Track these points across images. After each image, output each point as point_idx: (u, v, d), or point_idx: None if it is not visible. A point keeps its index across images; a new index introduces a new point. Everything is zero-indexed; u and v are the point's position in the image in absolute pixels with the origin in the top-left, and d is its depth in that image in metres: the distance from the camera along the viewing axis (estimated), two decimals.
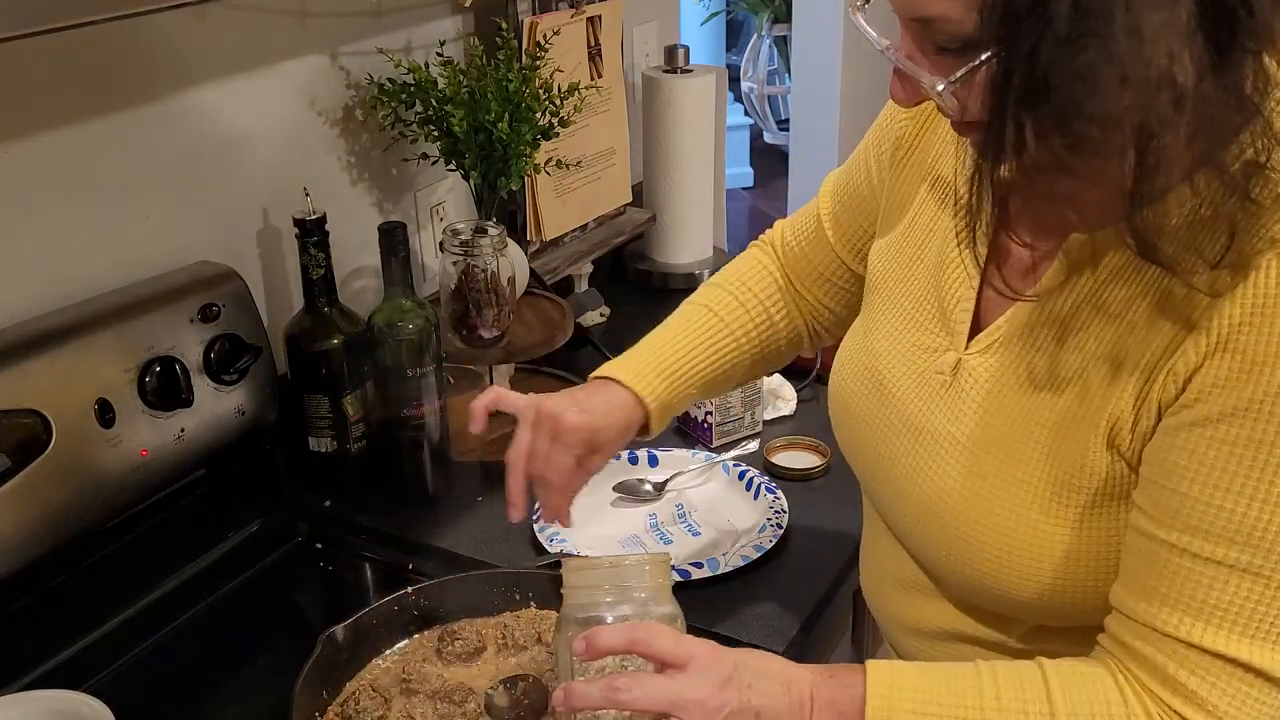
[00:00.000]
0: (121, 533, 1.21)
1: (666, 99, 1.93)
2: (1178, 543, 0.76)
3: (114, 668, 1.15)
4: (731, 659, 0.82)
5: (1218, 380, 0.74)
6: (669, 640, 0.82)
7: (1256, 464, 0.72)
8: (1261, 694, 0.74)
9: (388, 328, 1.33)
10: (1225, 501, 0.74)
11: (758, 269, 1.18)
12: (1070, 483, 0.82)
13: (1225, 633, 0.74)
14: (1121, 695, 0.78)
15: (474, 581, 1.16)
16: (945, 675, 0.82)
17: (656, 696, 0.80)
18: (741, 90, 5.52)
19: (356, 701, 1.03)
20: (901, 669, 0.82)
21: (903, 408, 0.94)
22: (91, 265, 1.24)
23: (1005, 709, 0.79)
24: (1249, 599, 0.74)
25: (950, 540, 0.89)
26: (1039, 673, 0.81)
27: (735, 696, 0.80)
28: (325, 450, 1.38)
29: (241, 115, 1.37)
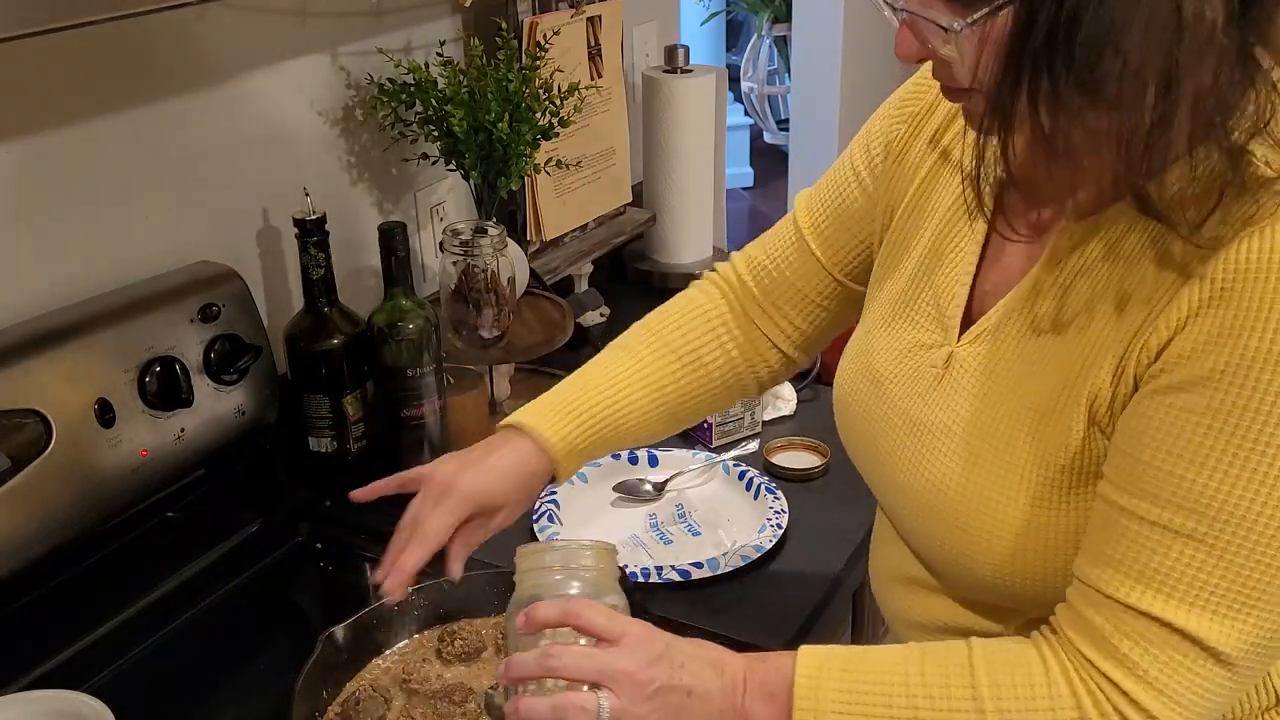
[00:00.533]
0: (121, 533, 1.21)
1: (666, 99, 1.93)
2: (1131, 507, 0.77)
3: (114, 668, 1.15)
4: (663, 639, 0.84)
5: (1183, 352, 0.75)
6: (603, 616, 0.84)
7: (1211, 432, 0.73)
8: (1195, 663, 0.75)
9: (388, 328, 1.33)
10: (1177, 468, 0.74)
11: (691, 310, 1.14)
12: (1057, 463, 0.83)
13: (1165, 598, 0.75)
14: (1045, 670, 0.79)
15: (474, 581, 1.16)
16: (875, 656, 0.83)
17: (588, 666, 0.82)
18: (741, 90, 5.52)
19: (356, 701, 1.03)
20: (834, 652, 0.84)
21: (899, 403, 0.95)
22: (91, 265, 1.24)
23: (929, 685, 0.80)
24: (1191, 565, 0.74)
25: (948, 530, 0.90)
26: (966, 651, 0.82)
27: (665, 673, 0.82)
28: (325, 450, 1.38)
29: (241, 115, 1.37)
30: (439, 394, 1.36)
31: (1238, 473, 0.73)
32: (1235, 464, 0.73)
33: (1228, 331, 0.72)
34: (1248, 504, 0.72)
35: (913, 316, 0.96)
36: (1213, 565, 0.74)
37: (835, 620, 1.26)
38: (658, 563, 1.25)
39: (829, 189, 1.10)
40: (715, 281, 1.17)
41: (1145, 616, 0.76)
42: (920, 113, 1.01)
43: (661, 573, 1.22)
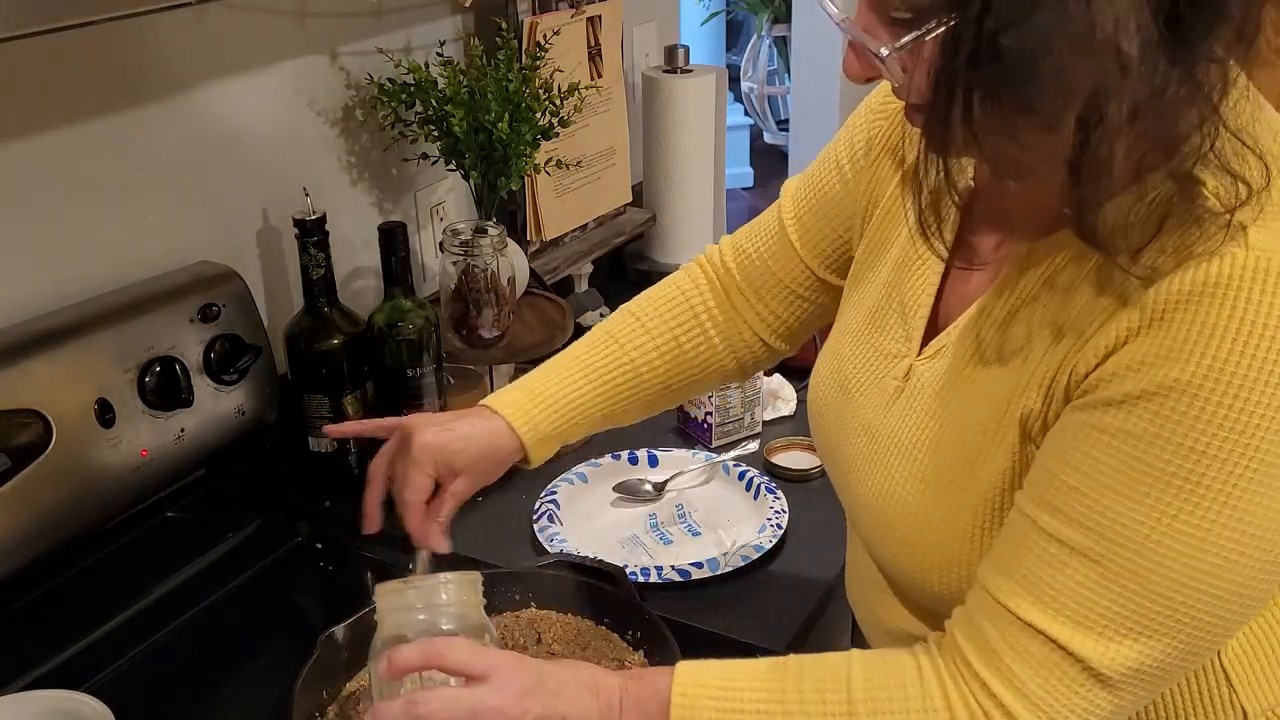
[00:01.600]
0: (121, 533, 1.21)
1: (666, 99, 1.93)
2: (1035, 518, 0.77)
3: (114, 668, 1.15)
4: (536, 668, 0.82)
5: (1105, 375, 0.75)
6: (465, 652, 0.82)
7: (1120, 454, 0.73)
8: (1075, 682, 0.75)
9: (388, 328, 1.33)
10: (1083, 485, 0.74)
11: (674, 294, 1.14)
12: (997, 482, 0.83)
13: (1053, 615, 0.75)
14: (919, 675, 0.79)
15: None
16: (755, 670, 0.83)
17: (456, 709, 0.79)
18: (741, 90, 5.52)
19: (356, 702, 1.03)
20: (709, 667, 0.83)
21: (862, 413, 0.95)
22: (91, 265, 1.24)
23: (805, 702, 0.80)
24: (1084, 585, 0.74)
25: (897, 544, 0.90)
26: (845, 664, 0.82)
27: (539, 704, 0.80)
28: (325, 450, 1.38)
29: (241, 115, 1.37)
30: (439, 394, 1.36)
31: (1140, 498, 0.72)
32: (1139, 490, 0.72)
33: (1153, 359, 0.72)
34: (1147, 530, 0.72)
35: (883, 323, 0.96)
36: (1104, 587, 0.74)
37: (835, 620, 1.26)
38: (658, 563, 1.25)
39: (812, 180, 1.10)
40: (701, 265, 1.18)
41: (1033, 630, 0.76)
42: (900, 111, 1.00)
43: (661, 573, 1.22)
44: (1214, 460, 0.70)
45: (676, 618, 1.17)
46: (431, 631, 0.85)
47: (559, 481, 1.40)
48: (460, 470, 1.04)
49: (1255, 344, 0.69)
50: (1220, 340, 0.69)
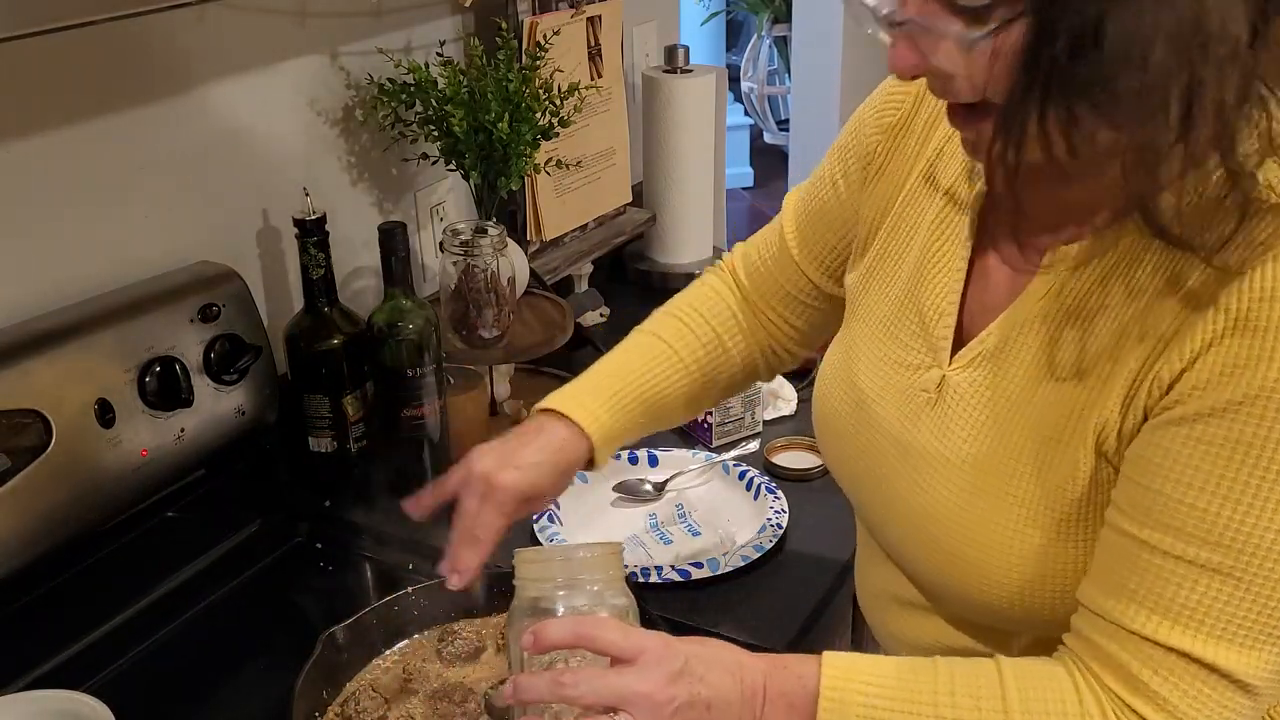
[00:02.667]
0: (121, 533, 1.21)
1: (666, 99, 1.93)
2: (1150, 540, 0.76)
3: (114, 668, 1.15)
4: (683, 652, 0.81)
5: (1198, 383, 0.74)
6: (617, 634, 0.80)
7: (1232, 464, 0.72)
8: (1223, 695, 0.75)
9: (388, 328, 1.33)
10: (1199, 501, 0.74)
11: (710, 295, 1.16)
12: (1062, 495, 0.82)
13: (1192, 632, 0.74)
14: (1078, 694, 0.78)
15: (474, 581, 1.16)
16: (901, 669, 0.81)
17: (604, 692, 0.78)
18: (741, 90, 5.52)
19: (356, 701, 1.03)
20: (857, 661, 0.82)
21: (889, 427, 0.94)
22: (91, 265, 1.24)
23: (959, 705, 0.79)
24: (1218, 599, 0.74)
25: (944, 558, 0.89)
26: (995, 670, 0.80)
27: (685, 689, 0.79)
28: (325, 450, 1.38)
29: (241, 115, 1.37)
30: (439, 394, 1.36)
31: (1261, 505, 0.72)
32: (1260, 497, 0.72)
33: (1246, 361, 0.71)
34: (1273, 536, 0.72)
35: (897, 335, 0.95)
36: (1240, 598, 0.73)
37: (835, 620, 1.26)
38: (658, 563, 1.25)
39: (810, 193, 1.11)
40: (719, 271, 1.20)
41: (1170, 650, 0.75)
42: (897, 125, 0.99)
43: (661, 573, 1.22)
44: None
45: (676, 618, 1.17)
46: (576, 606, 0.84)
47: None
48: (542, 495, 1.03)
49: None
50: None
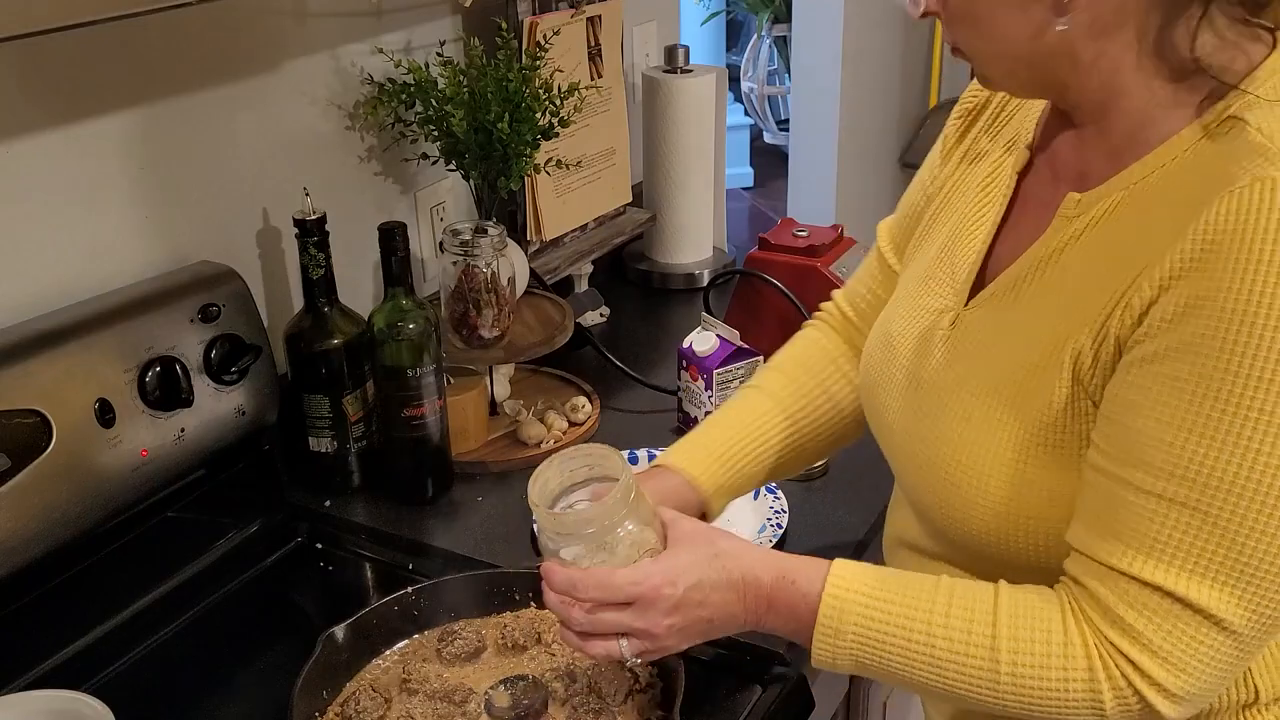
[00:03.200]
0: (121, 533, 1.21)
1: (666, 99, 1.93)
2: (1126, 477, 0.78)
3: (114, 668, 1.15)
4: (683, 580, 0.88)
5: (1165, 316, 0.76)
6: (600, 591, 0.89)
7: (1195, 399, 0.74)
8: (1197, 631, 0.76)
9: (388, 328, 1.33)
10: (1166, 435, 0.75)
11: (811, 347, 1.20)
12: (1041, 420, 0.84)
13: (1164, 566, 0.76)
14: (1064, 627, 0.80)
15: (474, 581, 1.16)
16: (904, 583, 0.86)
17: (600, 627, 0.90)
18: (741, 90, 5.52)
19: (356, 701, 1.03)
20: (863, 572, 0.87)
21: (905, 362, 0.99)
22: (91, 265, 1.24)
23: (951, 625, 0.82)
24: (1188, 534, 0.75)
25: (940, 485, 0.92)
26: (993, 595, 0.83)
27: (682, 616, 0.89)
28: (325, 450, 1.38)
29: (241, 115, 1.37)
30: (439, 394, 1.36)
31: (1222, 438, 0.73)
32: (1221, 430, 0.73)
33: (1206, 295, 0.73)
34: (1235, 469, 0.73)
35: (931, 284, 1.00)
36: (1209, 534, 0.75)
37: None
38: None
39: (902, 206, 1.15)
40: (823, 319, 1.23)
41: (1147, 585, 0.77)
42: (974, 109, 1.06)
43: None
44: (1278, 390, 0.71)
45: None
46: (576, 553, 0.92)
47: None
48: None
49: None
50: (1267, 267, 0.71)
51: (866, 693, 1.47)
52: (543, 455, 1.46)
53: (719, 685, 1.10)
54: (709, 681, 1.10)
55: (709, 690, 1.09)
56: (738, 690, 1.09)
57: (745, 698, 1.08)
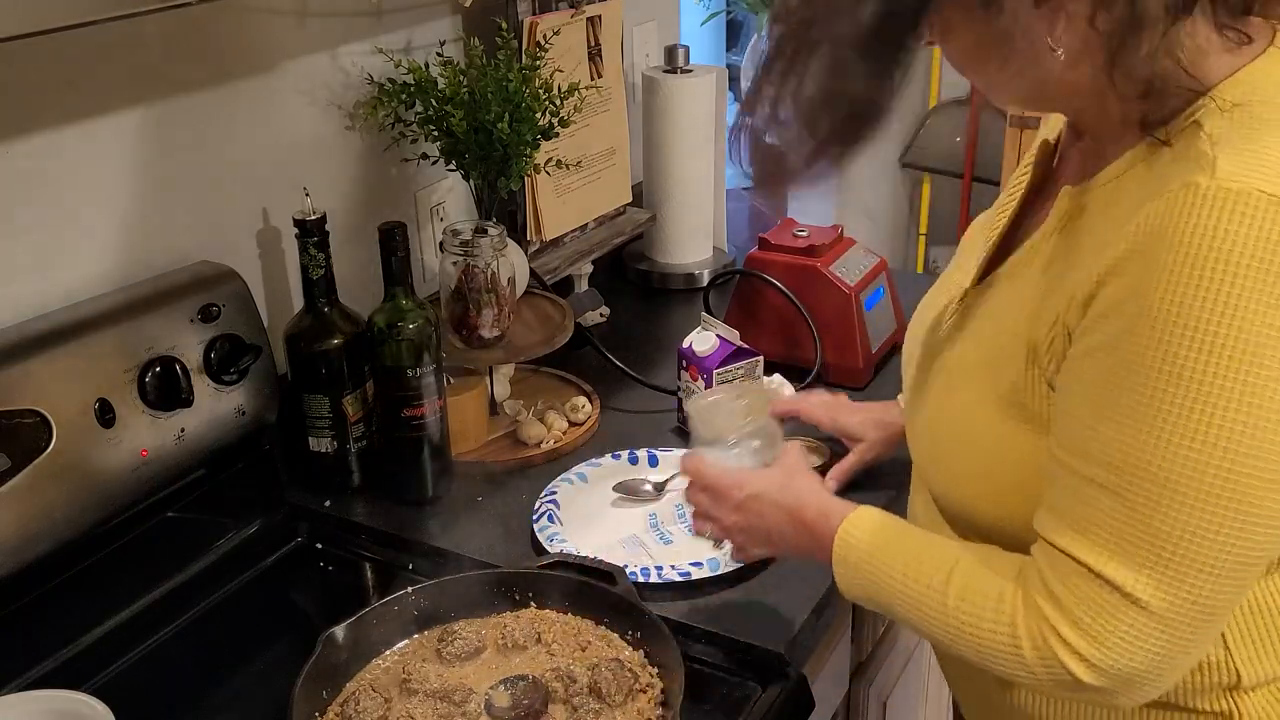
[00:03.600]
0: (121, 533, 1.21)
1: (666, 99, 1.93)
2: (1063, 459, 0.83)
3: (114, 668, 1.15)
4: (748, 490, 1.08)
5: (1099, 312, 0.80)
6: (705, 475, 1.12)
7: (1119, 390, 0.79)
8: (1117, 609, 0.80)
9: (388, 328, 1.33)
10: (1094, 423, 0.81)
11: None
12: (1005, 394, 0.90)
13: (1089, 544, 0.81)
14: (1002, 593, 0.87)
15: (474, 581, 1.16)
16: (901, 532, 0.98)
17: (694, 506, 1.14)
18: (741, 90, 5.52)
19: (356, 701, 1.03)
20: (879, 522, 0.99)
21: (923, 334, 1.06)
22: (91, 265, 1.24)
23: (917, 577, 0.92)
24: (1110, 516, 0.80)
25: (932, 449, 1.01)
26: (957, 554, 0.92)
27: (743, 518, 1.09)
28: (325, 450, 1.38)
29: (241, 115, 1.37)
30: (439, 394, 1.36)
31: (1142, 429, 0.78)
32: (1140, 421, 0.78)
33: (1130, 294, 0.77)
34: (1148, 457, 0.77)
35: (961, 264, 1.07)
36: (1127, 517, 0.79)
37: (835, 620, 1.26)
38: (658, 563, 1.25)
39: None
40: None
41: (1075, 561, 0.82)
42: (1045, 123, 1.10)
43: (661, 573, 1.22)
44: (1189, 384, 0.75)
45: (676, 618, 1.17)
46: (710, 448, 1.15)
47: (559, 481, 1.40)
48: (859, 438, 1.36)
49: (1210, 270, 0.74)
50: (1182, 269, 0.75)
51: (866, 693, 1.47)
52: (543, 455, 1.46)
53: (719, 685, 1.10)
54: (709, 681, 1.10)
55: (709, 690, 1.09)
56: (738, 690, 1.10)
57: (745, 698, 1.09)
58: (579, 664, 1.07)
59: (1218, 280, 0.74)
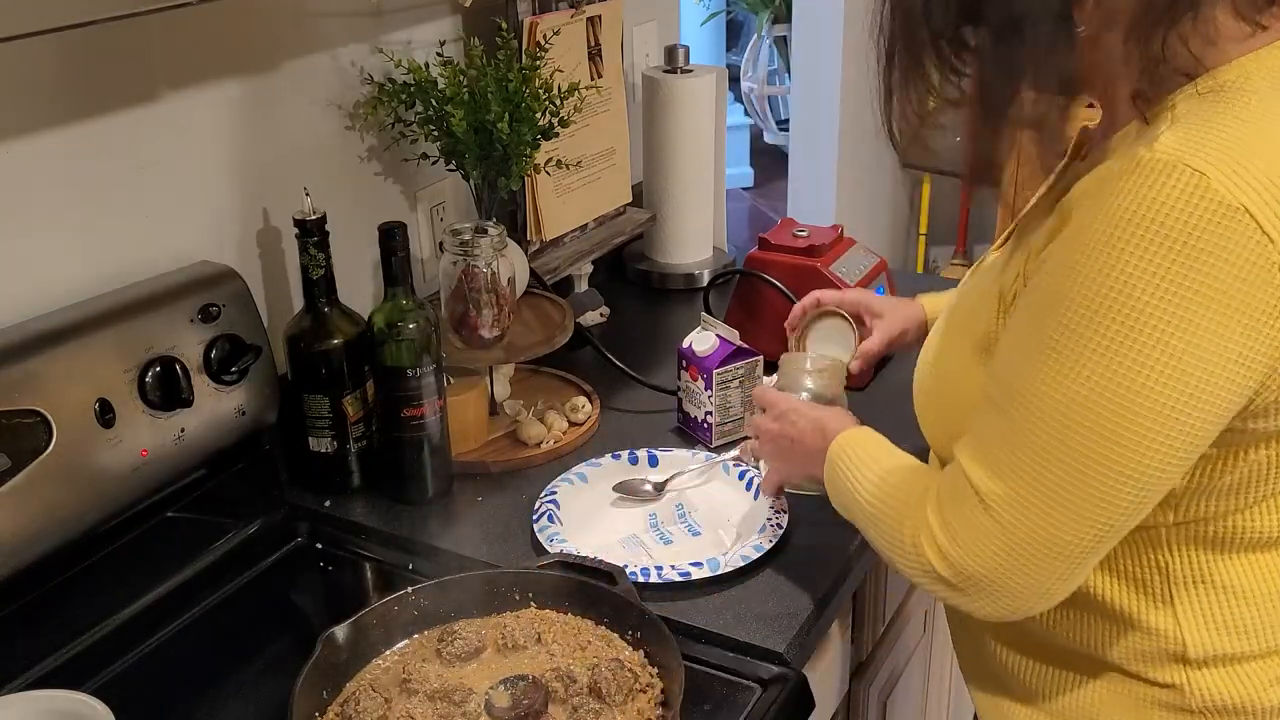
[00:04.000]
0: (121, 533, 1.21)
1: (666, 99, 1.93)
2: (985, 384, 0.92)
3: (114, 668, 1.15)
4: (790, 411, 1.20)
5: (1042, 261, 0.87)
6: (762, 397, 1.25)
7: (1028, 322, 0.86)
8: (973, 510, 0.89)
9: (388, 328, 1.33)
10: (1009, 352, 0.89)
11: None
12: (984, 345, 0.96)
13: (972, 453, 0.90)
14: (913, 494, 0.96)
15: (474, 581, 1.16)
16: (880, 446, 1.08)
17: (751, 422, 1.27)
18: (741, 90, 5.52)
19: (356, 701, 1.03)
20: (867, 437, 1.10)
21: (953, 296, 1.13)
22: (91, 265, 1.24)
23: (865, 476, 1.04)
24: (992, 429, 0.89)
25: (922, 404, 1.07)
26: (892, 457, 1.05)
27: (778, 427, 1.20)
28: (325, 450, 1.38)
29: (241, 115, 1.37)
30: (439, 394, 1.36)
31: (1032, 357, 0.85)
32: (1033, 350, 0.85)
33: (1064, 245, 0.83)
34: (1034, 384, 0.84)
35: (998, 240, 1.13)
36: (1000, 430, 0.87)
37: (835, 620, 1.26)
38: (658, 563, 1.25)
39: None
40: None
41: (958, 465, 0.91)
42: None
43: (661, 573, 1.22)
44: (1079, 330, 0.81)
45: (676, 618, 1.17)
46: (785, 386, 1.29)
47: (559, 481, 1.40)
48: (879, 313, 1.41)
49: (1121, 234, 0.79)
50: (1101, 229, 0.80)
51: (866, 693, 1.47)
52: (543, 455, 1.46)
53: (719, 685, 1.10)
54: (709, 681, 1.10)
55: (709, 690, 1.09)
56: (738, 690, 1.10)
57: (745, 698, 1.09)
58: (579, 664, 1.07)
59: (1123, 243, 0.79)
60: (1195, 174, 0.77)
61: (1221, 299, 0.77)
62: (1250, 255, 0.76)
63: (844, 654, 1.37)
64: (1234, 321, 0.77)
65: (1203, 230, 0.76)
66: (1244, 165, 0.77)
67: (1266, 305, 0.77)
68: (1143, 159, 0.79)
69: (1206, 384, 0.79)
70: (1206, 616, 0.93)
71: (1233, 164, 0.77)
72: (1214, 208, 0.76)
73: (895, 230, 4.01)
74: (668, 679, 1.04)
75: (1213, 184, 0.76)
